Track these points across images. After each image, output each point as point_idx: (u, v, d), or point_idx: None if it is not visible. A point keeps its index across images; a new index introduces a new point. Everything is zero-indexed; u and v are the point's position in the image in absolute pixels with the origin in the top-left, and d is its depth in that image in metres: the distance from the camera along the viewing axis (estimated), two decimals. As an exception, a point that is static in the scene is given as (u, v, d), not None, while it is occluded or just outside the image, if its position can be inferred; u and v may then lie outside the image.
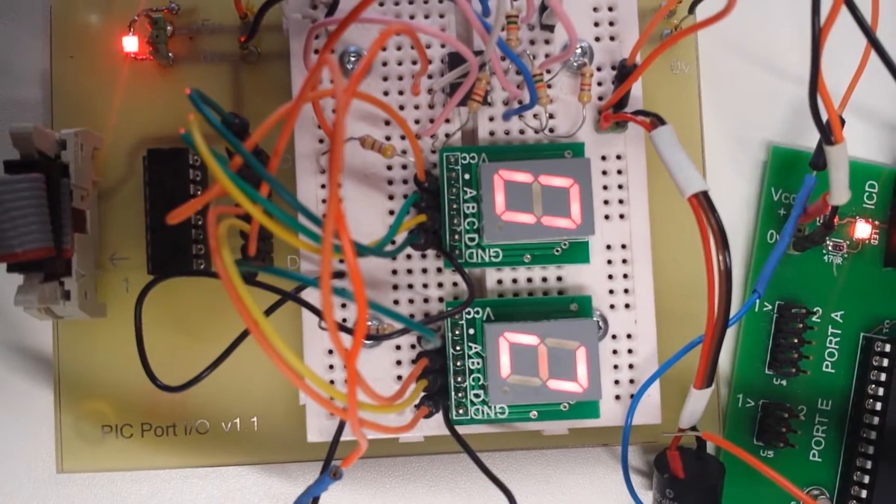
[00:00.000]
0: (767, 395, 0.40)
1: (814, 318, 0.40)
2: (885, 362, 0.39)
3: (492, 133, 0.37)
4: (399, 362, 0.37)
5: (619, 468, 0.40)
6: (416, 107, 0.37)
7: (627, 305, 0.37)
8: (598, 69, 0.37)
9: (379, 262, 0.37)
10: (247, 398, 0.39)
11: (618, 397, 0.37)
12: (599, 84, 0.37)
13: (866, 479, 0.39)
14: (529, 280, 0.37)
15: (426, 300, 0.37)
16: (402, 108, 0.37)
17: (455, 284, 0.37)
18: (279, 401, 0.39)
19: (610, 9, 0.37)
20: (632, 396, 0.37)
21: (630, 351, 0.37)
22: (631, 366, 0.37)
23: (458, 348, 0.36)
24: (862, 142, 0.42)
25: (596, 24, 0.37)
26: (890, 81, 0.31)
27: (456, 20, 0.37)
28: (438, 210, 0.36)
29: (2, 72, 0.41)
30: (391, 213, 0.37)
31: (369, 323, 0.36)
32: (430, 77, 0.37)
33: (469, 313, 0.36)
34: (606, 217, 0.37)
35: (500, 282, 0.37)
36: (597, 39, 0.37)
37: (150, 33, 0.39)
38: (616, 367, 0.37)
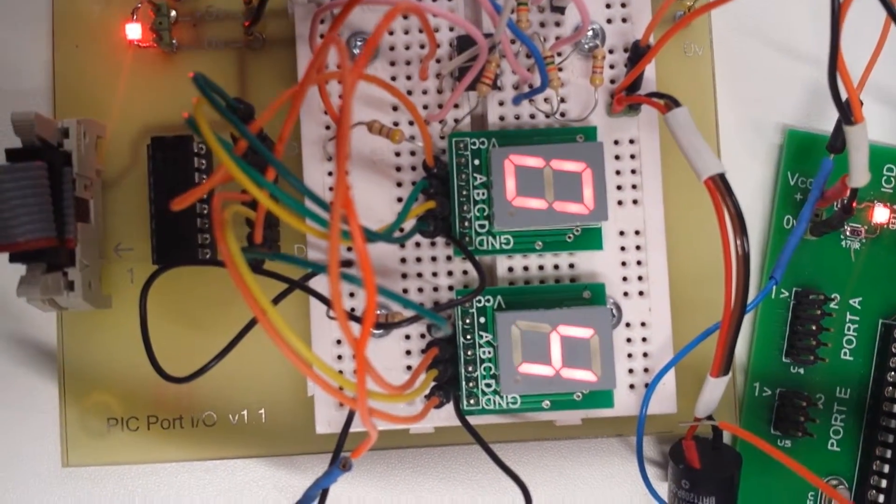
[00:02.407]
0: (785, 383, 0.40)
1: (831, 305, 0.39)
2: (905, 349, 0.38)
3: (502, 118, 0.36)
4: (409, 352, 0.36)
5: (634, 459, 0.39)
6: (425, 91, 0.36)
7: (641, 293, 0.36)
8: (611, 51, 0.37)
9: (387, 249, 0.36)
10: (254, 390, 0.39)
11: (632, 386, 0.36)
12: (612, 67, 0.37)
13: (886, 469, 0.38)
14: (541, 267, 0.36)
15: (436, 289, 0.36)
16: (409, 93, 0.36)
17: (465, 272, 0.36)
18: (287, 392, 0.39)
19: (622, -10, 0.37)
20: (646, 385, 0.36)
21: (644, 339, 0.36)
22: (645, 354, 0.36)
23: (468, 337, 0.35)
24: (879, 125, 0.41)
25: (608, 6, 0.37)
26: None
27: (465, 2, 0.36)
28: (448, 196, 0.35)
29: (4, 61, 0.41)
30: (399, 199, 0.36)
31: (378, 312, 0.35)
32: (438, 61, 0.36)
33: (480, 301, 0.35)
34: (619, 202, 0.36)
35: (511, 269, 0.36)
36: (609, 21, 0.37)
37: (153, 20, 0.38)
38: (630, 355, 0.36)
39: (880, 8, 0.30)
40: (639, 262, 0.36)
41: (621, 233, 0.36)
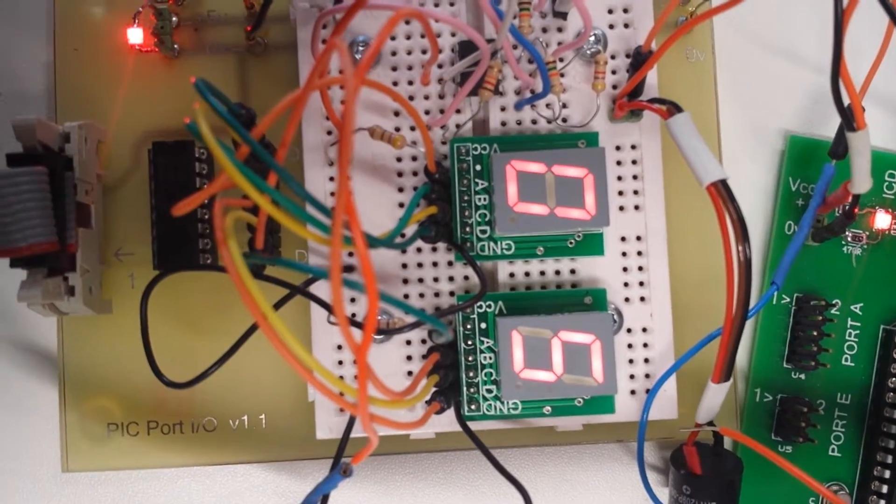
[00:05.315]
0: (786, 389, 0.39)
1: (833, 311, 0.39)
2: (906, 355, 0.38)
3: (504, 123, 0.36)
4: (409, 357, 0.36)
5: (635, 464, 0.39)
6: (427, 97, 0.36)
7: (643, 298, 0.36)
8: (613, 57, 0.37)
9: (388, 255, 0.36)
10: (255, 395, 0.39)
11: (633, 392, 0.36)
12: (613, 72, 0.37)
13: (887, 475, 0.38)
14: (542, 273, 0.36)
15: (437, 294, 0.36)
16: (411, 98, 0.36)
17: (466, 278, 0.36)
18: (288, 397, 0.38)
19: (624, -4, 0.37)
20: (647, 391, 0.36)
21: (645, 345, 0.36)
22: (646, 360, 0.36)
23: (469, 343, 0.35)
24: (881, 131, 0.41)
25: (610, 11, 0.37)
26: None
27: (466, 7, 0.36)
28: (449, 202, 0.35)
29: (5, 65, 0.41)
30: (401, 205, 0.36)
31: (379, 317, 0.35)
32: (440, 66, 0.36)
33: (481, 307, 0.35)
34: (621, 208, 0.36)
35: (512, 275, 0.36)
36: (611, 27, 0.37)
37: (154, 25, 0.38)
38: (631, 361, 0.36)
39: (883, 14, 0.30)
40: (640, 268, 0.36)
41: (623, 238, 0.36)
